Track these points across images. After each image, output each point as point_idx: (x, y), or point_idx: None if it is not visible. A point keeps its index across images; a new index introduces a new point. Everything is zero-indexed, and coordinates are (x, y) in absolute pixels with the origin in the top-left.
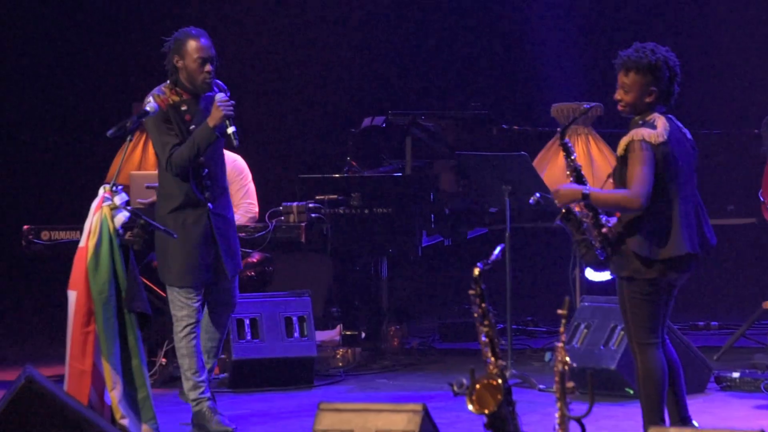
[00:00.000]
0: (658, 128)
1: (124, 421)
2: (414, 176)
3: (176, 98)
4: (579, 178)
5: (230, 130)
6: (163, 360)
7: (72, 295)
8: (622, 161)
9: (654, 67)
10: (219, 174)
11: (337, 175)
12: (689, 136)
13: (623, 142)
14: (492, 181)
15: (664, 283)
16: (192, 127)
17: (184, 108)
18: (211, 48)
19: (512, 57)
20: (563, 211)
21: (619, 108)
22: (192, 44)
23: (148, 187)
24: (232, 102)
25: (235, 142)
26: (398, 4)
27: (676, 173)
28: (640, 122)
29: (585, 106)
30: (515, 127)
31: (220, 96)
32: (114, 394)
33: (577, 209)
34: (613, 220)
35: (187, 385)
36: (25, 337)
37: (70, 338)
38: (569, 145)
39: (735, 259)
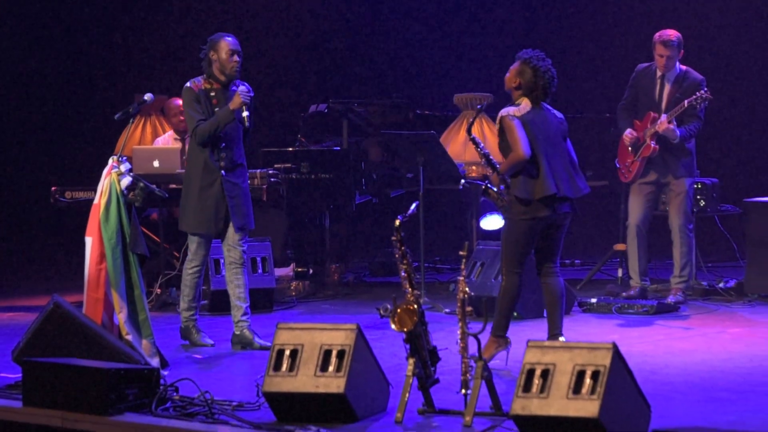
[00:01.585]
0: (521, 106)
1: (129, 337)
2: (349, 150)
3: (208, 86)
4: (489, 162)
5: (244, 113)
6: (158, 290)
7: (88, 241)
8: (501, 134)
9: (525, 62)
10: (234, 151)
11: (290, 149)
12: (559, 115)
13: (498, 119)
14: (409, 154)
15: (541, 223)
16: (217, 109)
17: (212, 94)
18: (238, 45)
19: (423, 58)
20: (483, 188)
21: None
22: (223, 41)
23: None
24: (251, 95)
25: (247, 124)
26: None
27: (539, 136)
28: (511, 104)
29: (478, 106)
30: (427, 112)
31: (242, 88)
32: (121, 317)
33: (492, 185)
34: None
35: (182, 305)
36: (53, 273)
37: (87, 273)
38: (476, 139)
39: (592, 211)
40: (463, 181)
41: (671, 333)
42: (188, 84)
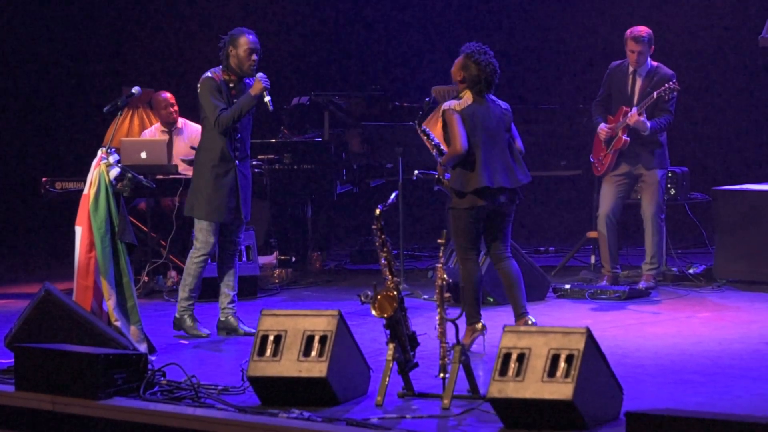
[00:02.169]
0: (462, 100)
1: (118, 323)
2: (330, 141)
3: (226, 77)
4: (440, 152)
5: (267, 98)
6: (146, 278)
7: (78, 230)
8: (444, 127)
9: (467, 56)
10: (246, 141)
11: (273, 140)
12: (504, 105)
13: (439, 113)
14: (388, 144)
15: (481, 212)
16: (235, 100)
17: (231, 85)
18: (258, 44)
19: (403, 49)
20: (436, 178)
21: None
22: (244, 38)
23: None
24: (269, 79)
25: (270, 108)
26: (315, 7)
27: (477, 129)
28: (455, 97)
29: (426, 99)
30: (405, 104)
31: (261, 74)
32: (110, 303)
33: (446, 173)
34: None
35: (182, 295)
36: (44, 261)
37: (77, 261)
38: (426, 130)
39: (566, 200)
40: (416, 171)
41: (642, 318)
42: (208, 74)
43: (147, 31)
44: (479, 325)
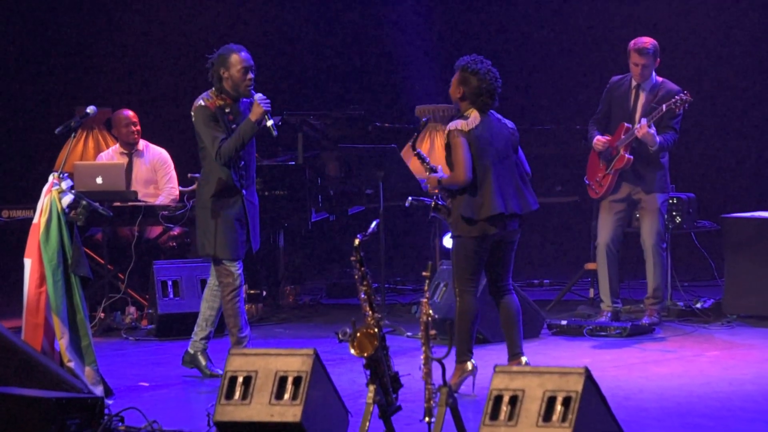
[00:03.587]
0: (469, 119)
1: (71, 364)
2: (305, 165)
3: (221, 102)
4: (433, 171)
5: (269, 123)
6: (102, 314)
7: (27, 262)
8: (447, 148)
9: (464, 69)
10: (251, 167)
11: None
12: (510, 125)
13: (445, 133)
14: (368, 169)
15: (489, 240)
16: (234, 126)
17: (228, 110)
18: (251, 60)
19: (383, 66)
20: (432, 205)
21: None
22: (235, 57)
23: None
24: (269, 100)
25: (274, 133)
26: (290, 27)
27: (487, 152)
28: (459, 116)
29: (423, 119)
30: (386, 125)
31: (260, 95)
32: (62, 342)
33: (442, 200)
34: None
35: (232, 339)
36: None
37: (26, 297)
38: (422, 154)
39: (562, 229)
40: (410, 198)
41: (646, 356)
42: (201, 102)
43: (104, 46)
44: (470, 365)
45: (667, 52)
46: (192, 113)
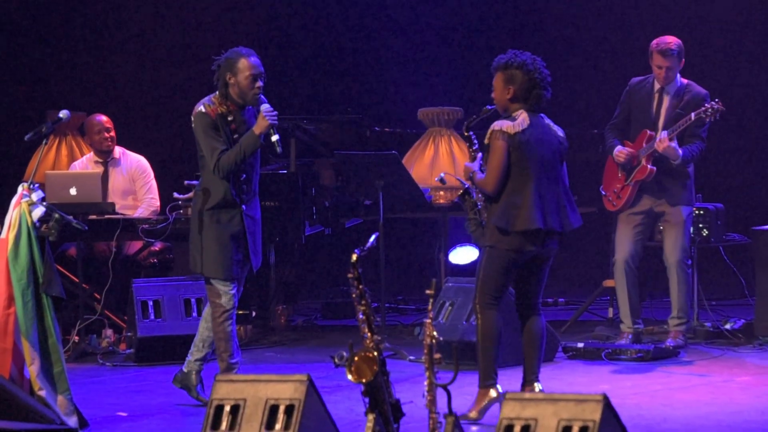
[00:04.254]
0: (517, 120)
1: (42, 393)
2: (298, 173)
3: (224, 109)
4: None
5: (274, 138)
6: (76, 338)
7: None
8: (487, 148)
9: (506, 66)
10: (254, 179)
11: None
12: (560, 132)
13: (488, 131)
14: (367, 177)
15: (525, 257)
16: (236, 136)
17: (230, 118)
18: (261, 66)
19: (382, 66)
20: (462, 191)
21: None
22: (244, 62)
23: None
24: (276, 112)
25: (278, 149)
26: (284, 27)
27: (532, 160)
28: (506, 116)
29: (487, 107)
30: (386, 129)
31: (266, 107)
32: (32, 369)
33: (474, 192)
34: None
35: (222, 365)
36: None
37: None
38: (473, 137)
39: (578, 243)
40: (442, 174)
41: (670, 382)
42: (201, 108)
43: (77, 48)
44: (495, 391)
45: (691, 53)
46: (192, 119)
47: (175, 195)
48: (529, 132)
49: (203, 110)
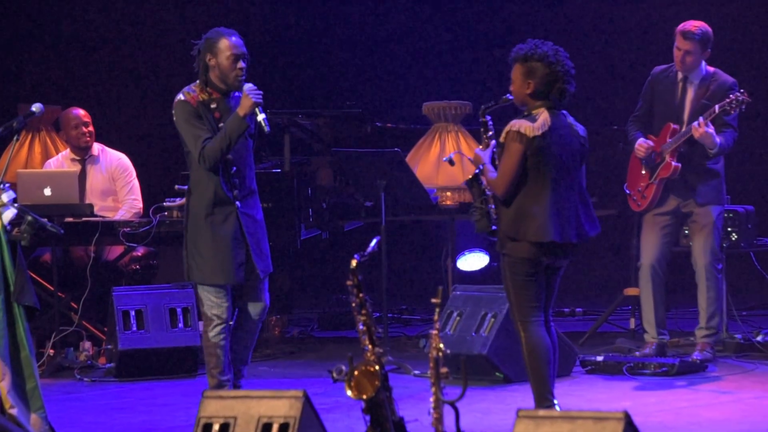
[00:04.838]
0: (537, 122)
1: (14, 411)
2: (293, 172)
3: (205, 96)
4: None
5: (260, 117)
6: (51, 351)
7: None
8: (503, 147)
9: (526, 58)
10: (247, 174)
11: None
12: (582, 132)
13: (505, 130)
14: (367, 176)
15: (539, 265)
16: (221, 124)
17: (213, 106)
18: (243, 46)
19: (383, 58)
20: (472, 176)
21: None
22: (224, 42)
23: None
24: (261, 92)
25: (266, 129)
26: (276, 14)
27: (550, 165)
28: (525, 114)
29: (507, 96)
30: (388, 125)
31: (249, 86)
32: (3, 385)
33: (483, 179)
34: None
35: (211, 382)
36: None
37: None
38: (490, 122)
39: (597, 248)
40: (452, 154)
41: (697, 399)
42: (181, 96)
43: (51, 36)
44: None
45: (720, 46)
46: (172, 111)
47: (167, 203)
48: (548, 135)
49: (183, 98)
